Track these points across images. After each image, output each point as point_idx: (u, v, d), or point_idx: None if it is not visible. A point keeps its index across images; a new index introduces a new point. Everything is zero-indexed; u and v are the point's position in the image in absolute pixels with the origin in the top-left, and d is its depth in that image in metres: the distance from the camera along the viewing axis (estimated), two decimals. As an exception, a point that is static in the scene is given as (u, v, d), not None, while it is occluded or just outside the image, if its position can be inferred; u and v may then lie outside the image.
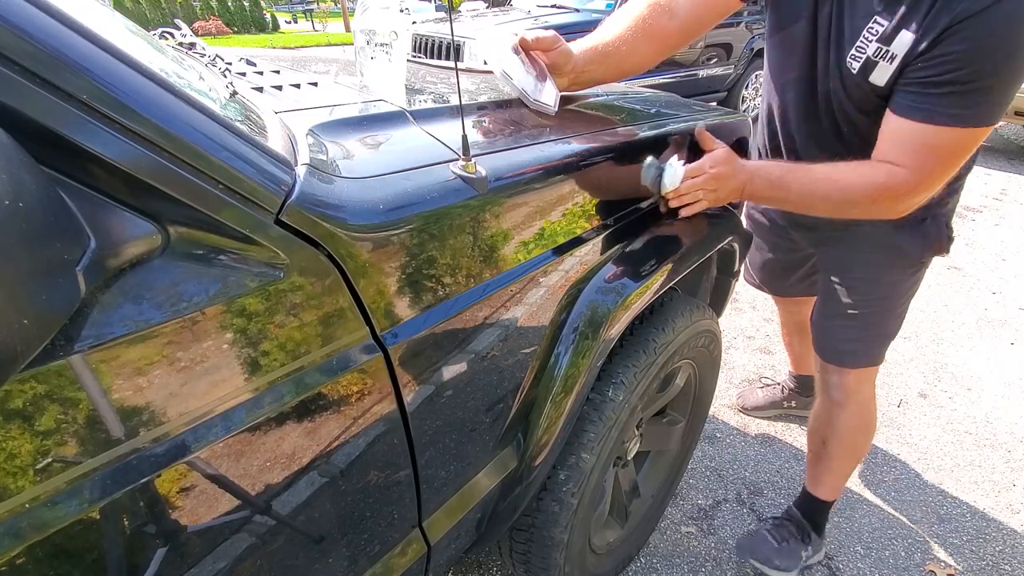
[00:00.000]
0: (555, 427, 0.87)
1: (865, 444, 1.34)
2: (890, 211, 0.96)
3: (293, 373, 0.54)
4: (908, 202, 0.94)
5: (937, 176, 0.91)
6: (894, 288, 1.16)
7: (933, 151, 0.88)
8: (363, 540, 0.68)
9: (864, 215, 0.99)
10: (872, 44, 0.88)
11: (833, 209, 0.98)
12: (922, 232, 1.10)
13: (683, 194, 0.98)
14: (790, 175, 0.98)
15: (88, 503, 0.42)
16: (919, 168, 0.89)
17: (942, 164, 0.90)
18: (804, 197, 0.97)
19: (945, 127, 0.84)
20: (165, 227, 0.45)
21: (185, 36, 0.90)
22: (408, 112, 0.79)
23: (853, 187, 0.93)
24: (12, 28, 0.34)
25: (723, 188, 0.99)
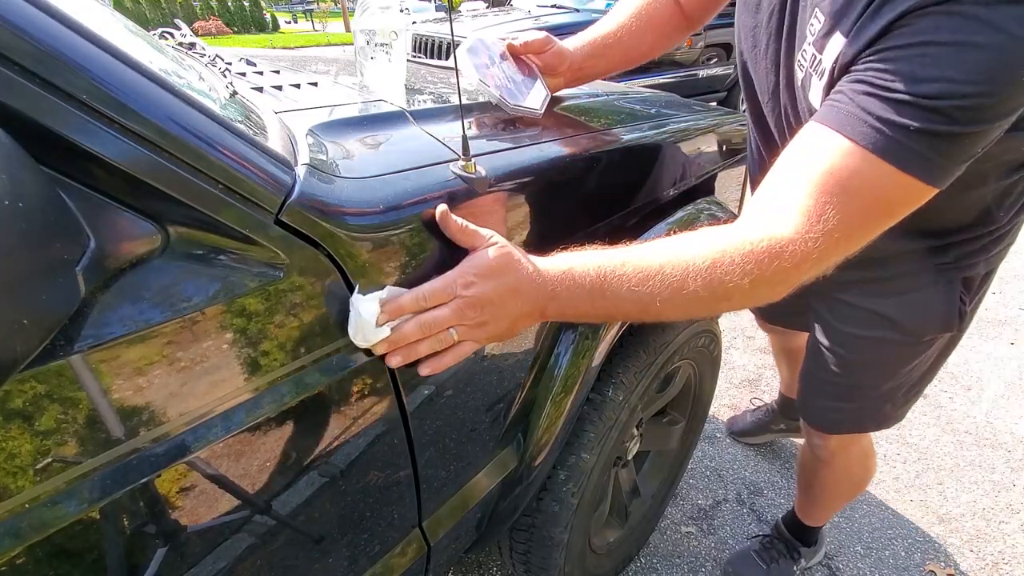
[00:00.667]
0: (555, 427, 0.87)
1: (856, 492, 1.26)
2: (790, 281, 0.61)
3: (293, 373, 0.54)
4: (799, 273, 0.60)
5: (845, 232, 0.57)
6: (888, 366, 0.92)
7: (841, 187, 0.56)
8: (363, 540, 0.68)
9: (749, 300, 0.62)
10: (809, 50, 0.64)
11: (694, 304, 0.61)
12: (927, 302, 0.84)
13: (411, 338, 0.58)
14: (615, 272, 0.61)
15: (88, 503, 0.42)
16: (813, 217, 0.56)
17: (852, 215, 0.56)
18: (643, 300, 0.60)
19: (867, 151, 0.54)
20: (165, 227, 0.45)
21: (185, 36, 0.90)
22: (408, 112, 0.79)
23: (718, 263, 0.59)
24: (12, 28, 0.34)
25: (496, 317, 0.60)
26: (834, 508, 1.31)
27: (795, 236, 0.57)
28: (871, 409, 0.99)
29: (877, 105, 0.54)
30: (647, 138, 1.01)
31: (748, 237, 0.59)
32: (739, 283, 0.58)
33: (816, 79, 0.63)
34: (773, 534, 1.40)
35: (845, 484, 1.20)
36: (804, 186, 0.57)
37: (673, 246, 0.62)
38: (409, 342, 0.58)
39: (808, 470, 1.21)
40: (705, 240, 0.61)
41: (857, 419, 1.01)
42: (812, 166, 0.58)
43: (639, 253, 0.62)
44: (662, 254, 0.61)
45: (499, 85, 0.85)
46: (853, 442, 1.09)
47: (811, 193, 0.57)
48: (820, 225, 0.56)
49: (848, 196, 0.56)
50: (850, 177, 0.56)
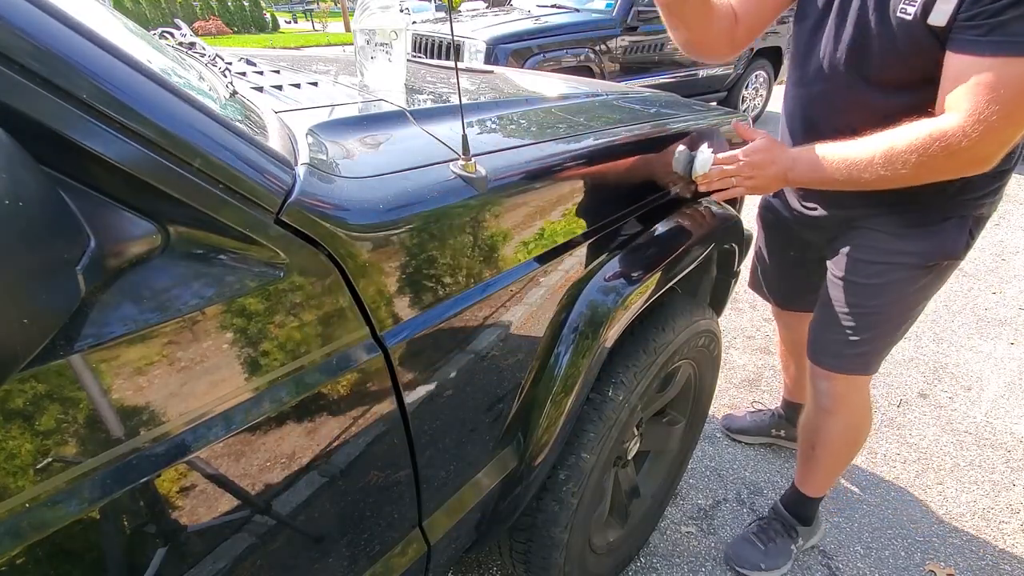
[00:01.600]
0: (555, 427, 0.87)
1: (855, 449, 1.31)
2: (949, 168, 0.85)
3: (293, 373, 0.54)
4: (968, 156, 0.82)
5: (997, 122, 0.78)
6: (898, 293, 1.08)
7: (991, 88, 0.77)
8: (363, 540, 0.68)
9: (922, 178, 0.87)
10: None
11: (885, 175, 0.88)
12: (939, 233, 1.01)
13: (713, 180, 1.00)
14: (834, 150, 0.92)
15: (88, 503, 0.42)
16: (972, 110, 0.78)
17: (1002, 105, 0.77)
18: (851, 168, 0.90)
19: (1009, 57, 0.75)
20: (165, 227, 0.45)
21: (185, 36, 0.90)
22: (408, 112, 0.79)
23: (900, 143, 0.85)
24: (12, 28, 0.34)
25: (761, 175, 0.98)
26: (835, 470, 1.34)
27: (962, 127, 0.80)
28: (877, 343, 1.12)
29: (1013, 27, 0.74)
30: (647, 138, 1.01)
31: (922, 129, 0.84)
32: (908, 158, 0.84)
33: (941, 3, 0.79)
34: (770, 515, 1.43)
35: (846, 437, 1.26)
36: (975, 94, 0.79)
37: (868, 138, 0.89)
38: (713, 180, 1.01)
39: (811, 429, 1.28)
40: (893, 130, 0.87)
41: (863, 356, 1.13)
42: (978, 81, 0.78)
43: (841, 146, 0.92)
44: (870, 137, 0.89)
45: None
46: (858, 388, 1.19)
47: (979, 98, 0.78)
48: (982, 122, 0.78)
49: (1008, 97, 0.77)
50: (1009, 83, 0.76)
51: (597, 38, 4.27)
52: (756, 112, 5.72)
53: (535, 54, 3.96)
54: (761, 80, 5.58)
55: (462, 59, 3.88)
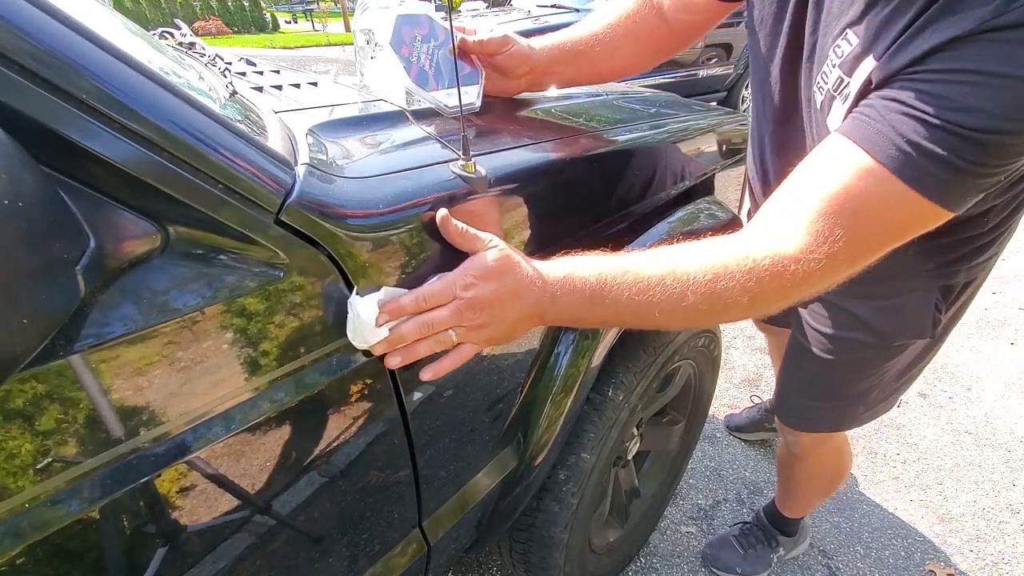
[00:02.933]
0: (555, 427, 0.87)
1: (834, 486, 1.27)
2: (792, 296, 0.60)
3: (293, 373, 0.54)
4: (811, 287, 0.59)
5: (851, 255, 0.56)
6: (861, 372, 0.92)
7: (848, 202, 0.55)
8: (363, 540, 0.68)
9: (748, 313, 0.62)
10: (834, 72, 0.61)
11: (693, 316, 0.60)
12: (898, 311, 0.83)
13: (408, 339, 0.58)
14: (616, 280, 0.60)
15: (88, 503, 0.42)
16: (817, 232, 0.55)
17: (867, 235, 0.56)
18: (642, 309, 0.60)
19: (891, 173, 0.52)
20: (165, 227, 0.45)
21: (185, 36, 0.90)
22: (408, 112, 0.79)
23: (719, 277, 0.58)
24: (12, 28, 0.34)
25: (499, 320, 0.61)
26: (811, 502, 1.33)
27: (799, 255, 0.56)
28: (844, 409, 0.99)
29: (909, 126, 0.51)
30: (647, 138, 1.01)
31: (752, 253, 0.58)
32: (739, 299, 0.58)
33: (839, 103, 0.61)
34: (753, 521, 1.43)
35: (819, 479, 1.23)
36: (817, 203, 0.56)
37: (676, 256, 0.61)
38: (408, 343, 0.58)
39: (784, 465, 1.26)
40: (708, 252, 0.60)
41: (830, 418, 1.02)
42: (828, 182, 0.56)
43: (641, 262, 0.62)
44: (664, 265, 0.61)
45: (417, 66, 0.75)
46: (826, 440, 1.11)
47: (823, 212, 0.55)
48: (826, 247, 0.55)
49: (860, 217, 0.55)
50: (867, 198, 0.54)
51: (597, 38, 4.26)
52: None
53: (535, 54, 3.96)
54: (761, 80, 5.59)
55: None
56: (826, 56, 0.62)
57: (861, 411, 0.99)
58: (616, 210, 0.96)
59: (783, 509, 1.36)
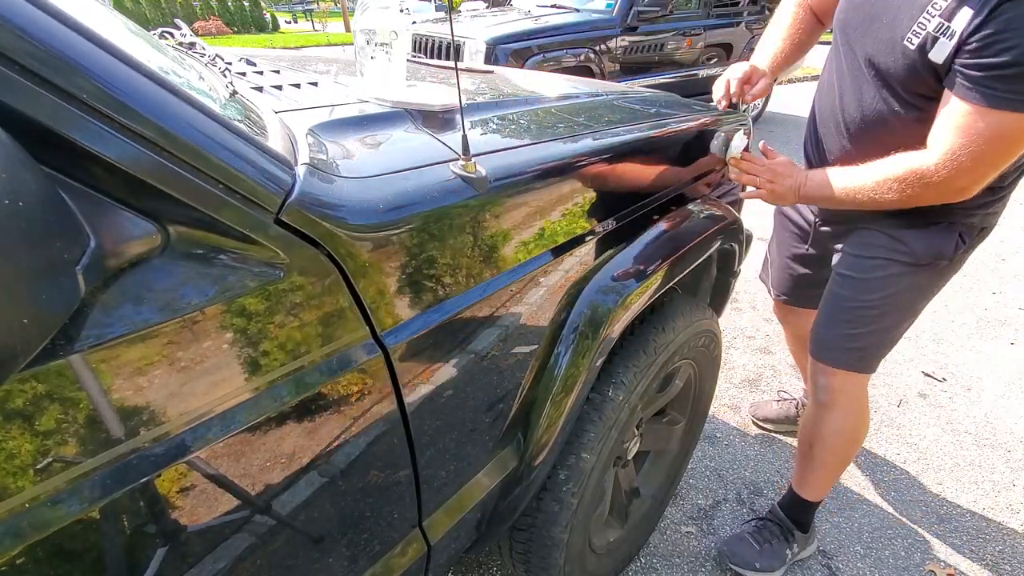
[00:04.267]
0: (555, 427, 0.87)
1: (852, 450, 1.33)
2: (929, 197, 0.95)
3: (293, 373, 0.54)
4: (943, 189, 0.93)
5: (966, 164, 0.88)
6: (893, 288, 1.14)
7: (963, 134, 0.86)
8: (363, 540, 0.68)
9: (908, 203, 0.98)
10: (934, 20, 0.87)
11: (877, 199, 0.99)
12: (929, 235, 1.09)
13: (743, 169, 1.12)
14: (837, 173, 1.04)
15: (88, 503, 0.42)
16: (947, 151, 0.88)
17: (974, 151, 0.87)
18: (850, 192, 1.01)
19: (985, 108, 0.83)
20: (165, 227, 0.45)
21: (185, 36, 0.90)
22: (408, 111, 0.79)
23: (887, 173, 0.96)
24: (12, 28, 0.34)
25: (779, 183, 1.08)
26: (832, 470, 1.35)
27: (938, 164, 0.91)
28: (879, 335, 1.18)
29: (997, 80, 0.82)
30: (647, 138, 1.01)
31: (907, 162, 0.95)
32: (896, 188, 0.96)
33: (944, 40, 0.85)
34: (768, 515, 1.43)
35: (844, 435, 1.29)
36: (950, 137, 0.88)
37: (866, 166, 1.00)
38: (742, 170, 1.13)
39: (809, 426, 1.31)
40: (884, 162, 0.98)
41: (863, 352, 1.19)
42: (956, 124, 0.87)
43: (852, 169, 1.03)
44: (861, 170, 1.01)
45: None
46: (854, 385, 1.23)
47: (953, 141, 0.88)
48: (954, 162, 0.89)
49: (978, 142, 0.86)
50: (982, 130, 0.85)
51: (597, 38, 4.27)
52: (756, 112, 5.72)
53: (535, 54, 3.96)
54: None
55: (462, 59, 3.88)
56: (922, 10, 0.88)
57: (887, 340, 1.20)
58: (616, 210, 0.96)
59: (802, 489, 1.38)
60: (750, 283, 2.66)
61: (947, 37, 0.85)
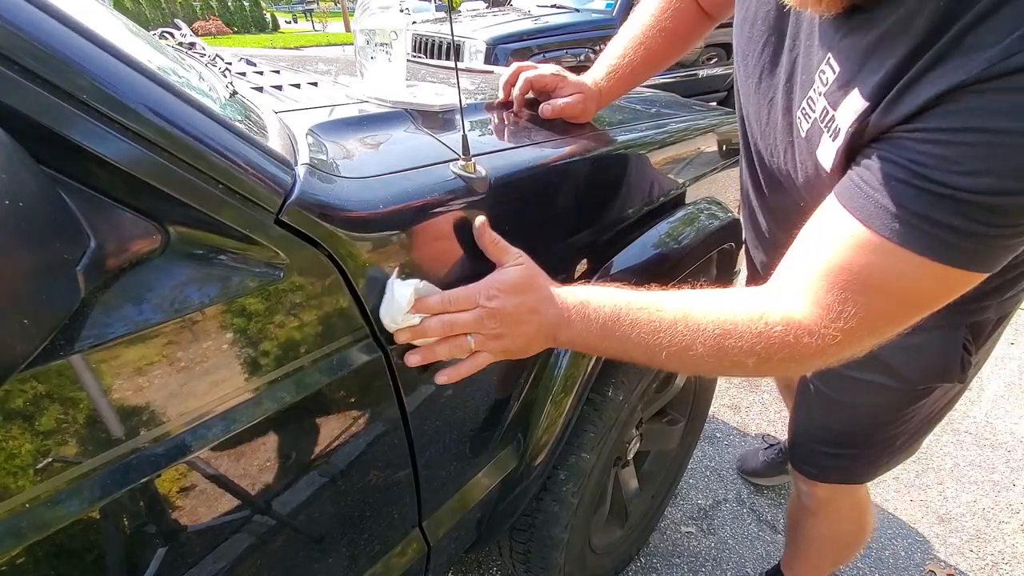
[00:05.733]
0: (555, 427, 0.87)
1: (846, 554, 1.13)
2: (801, 368, 0.60)
3: (293, 373, 0.54)
4: (818, 363, 0.58)
5: (869, 329, 0.53)
6: (879, 417, 0.86)
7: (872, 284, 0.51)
8: (363, 540, 0.68)
9: (755, 374, 0.65)
10: (819, 101, 0.56)
11: (699, 366, 0.61)
12: (921, 349, 0.76)
13: (432, 335, 0.61)
14: (630, 315, 0.61)
15: (88, 503, 0.42)
16: (840, 312, 0.52)
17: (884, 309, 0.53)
18: (651, 350, 0.60)
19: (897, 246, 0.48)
20: (165, 227, 0.45)
21: (185, 36, 0.90)
22: (408, 111, 0.79)
23: (729, 334, 0.57)
24: (12, 28, 0.34)
25: (515, 333, 0.63)
26: (821, 570, 1.16)
27: (812, 328, 0.54)
28: (866, 458, 0.91)
29: (912, 195, 0.47)
30: (647, 138, 1.01)
31: (765, 315, 0.56)
32: (744, 360, 0.57)
33: (828, 137, 0.56)
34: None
35: (833, 541, 1.10)
36: (824, 277, 0.53)
37: (692, 303, 0.61)
38: (430, 338, 0.61)
39: (795, 519, 1.13)
40: (724, 304, 0.59)
41: (851, 468, 0.93)
42: (833, 256, 0.53)
43: (657, 302, 0.62)
44: (679, 310, 0.60)
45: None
46: (845, 493, 0.99)
47: (831, 287, 0.53)
48: (840, 322, 0.53)
49: (873, 292, 0.51)
50: (874, 272, 0.50)
51: (597, 38, 4.27)
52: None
53: (535, 54, 3.96)
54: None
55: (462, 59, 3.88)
56: (812, 82, 0.58)
57: (884, 460, 0.92)
58: (616, 209, 0.96)
59: (788, 573, 1.21)
60: (750, 283, 2.66)
61: (830, 135, 0.55)
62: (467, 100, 0.92)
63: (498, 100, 0.89)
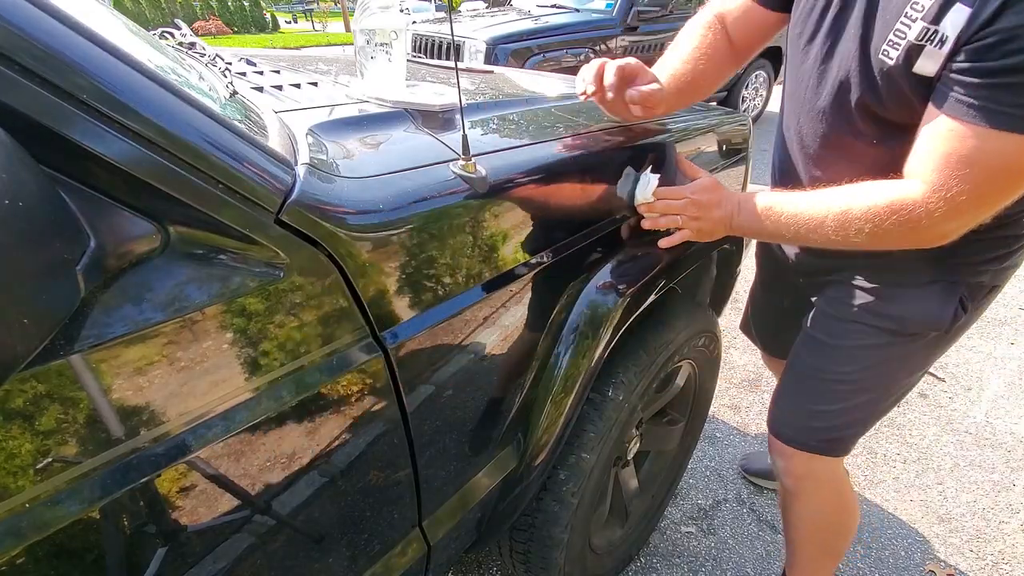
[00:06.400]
0: (555, 427, 0.87)
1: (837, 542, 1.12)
2: (907, 242, 0.74)
3: (293, 373, 0.54)
4: (928, 234, 0.72)
5: (965, 203, 0.67)
6: (871, 361, 0.91)
7: (965, 161, 0.65)
8: (363, 540, 0.68)
9: (877, 247, 0.77)
10: (916, 25, 0.66)
11: (835, 239, 0.77)
12: (921, 298, 0.85)
13: (658, 212, 0.91)
14: (781, 201, 0.81)
15: (88, 503, 0.42)
16: (941, 185, 0.67)
17: (974, 185, 0.66)
18: (800, 226, 0.79)
19: (987, 129, 0.62)
20: (165, 227, 0.45)
21: (185, 36, 0.90)
22: (408, 111, 0.79)
23: (856, 208, 0.74)
24: (12, 28, 0.34)
25: (706, 217, 0.88)
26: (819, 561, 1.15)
27: (921, 200, 0.69)
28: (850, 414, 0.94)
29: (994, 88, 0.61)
30: (646, 137, 1.01)
31: (883, 193, 0.72)
32: (863, 227, 0.74)
33: (931, 48, 0.66)
34: None
35: (817, 525, 1.08)
36: (936, 162, 0.68)
37: (822, 194, 0.78)
38: (657, 211, 0.91)
39: (783, 512, 1.14)
40: (850, 189, 0.76)
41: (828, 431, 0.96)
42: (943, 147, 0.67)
43: (795, 196, 0.81)
44: (812, 199, 0.79)
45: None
46: (821, 469, 1.00)
47: (941, 168, 0.67)
48: (943, 192, 0.67)
49: (976, 168, 0.65)
50: (978, 154, 0.64)
51: (597, 38, 4.27)
52: (756, 112, 5.72)
53: (535, 54, 3.96)
54: (761, 80, 5.58)
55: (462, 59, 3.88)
56: (900, 13, 0.68)
57: (861, 419, 0.96)
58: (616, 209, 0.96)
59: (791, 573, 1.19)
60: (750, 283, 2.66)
61: (935, 44, 0.65)
62: (467, 100, 0.92)
63: (582, 93, 0.85)
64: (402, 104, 0.80)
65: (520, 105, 1.00)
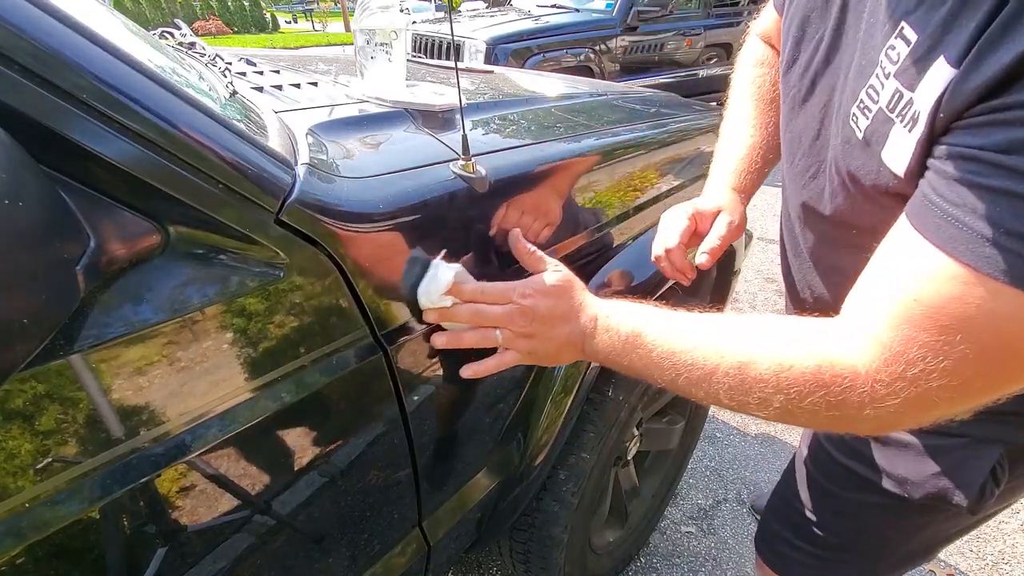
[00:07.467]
0: (555, 427, 0.87)
1: None
2: (836, 426, 0.49)
3: (293, 373, 0.54)
4: (869, 425, 0.45)
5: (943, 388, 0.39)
6: (866, 522, 0.71)
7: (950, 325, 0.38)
8: (363, 540, 0.68)
9: (788, 422, 0.50)
10: (888, 83, 0.43)
11: (726, 402, 0.51)
12: (940, 457, 0.60)
13: (461, 322, 0.62)
14: (659, 328, 0.55)
15: (88, 503, 0.42)
16: (898, 353, 0.40)
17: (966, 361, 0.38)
18: (675, 367, 0.53)
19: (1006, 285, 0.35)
20: (165, 226, 0.45)
21: (185, 36, 0.90)
22: (408, 111, 0.79)
23: (759, 361, 0.47)
24: (12, 27, 0.34)
25: (544, 335, 0.60)
26: None
27: (863, 375, 0.42)
28: (826, 566, 0.77)
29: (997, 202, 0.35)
30: (647, 138, 1.01)
31: (804, 350, 0.45)
32: (769, 398, 0.46)
33: (901, 128, 0.42)
34: None
35: None
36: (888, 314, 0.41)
37: (720, 329, 0.52)
38: (459, 322, 0.61)
39: None
40: (755, 332, 0.50)
41: (813, 570, 0.78)
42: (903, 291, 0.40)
43: (683, 324, 0.55)
44: (703, 332, 0.52)
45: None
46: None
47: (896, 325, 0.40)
48: (899, 367, 0.40)
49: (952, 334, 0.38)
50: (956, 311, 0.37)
51: (597, 38, 4.27)
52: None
53: (535, 54, 3.96)
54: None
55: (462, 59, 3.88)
56: (874, 64, 0.44)
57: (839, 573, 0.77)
58: (616, 209, 0.96)
59: None
60: (750, 283, 2.66)
61: (905, 123, 0.41)
62: (467, 100, 0.92)
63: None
64: (402, 104, 0.80)
65: (520, 105, 1.00)
